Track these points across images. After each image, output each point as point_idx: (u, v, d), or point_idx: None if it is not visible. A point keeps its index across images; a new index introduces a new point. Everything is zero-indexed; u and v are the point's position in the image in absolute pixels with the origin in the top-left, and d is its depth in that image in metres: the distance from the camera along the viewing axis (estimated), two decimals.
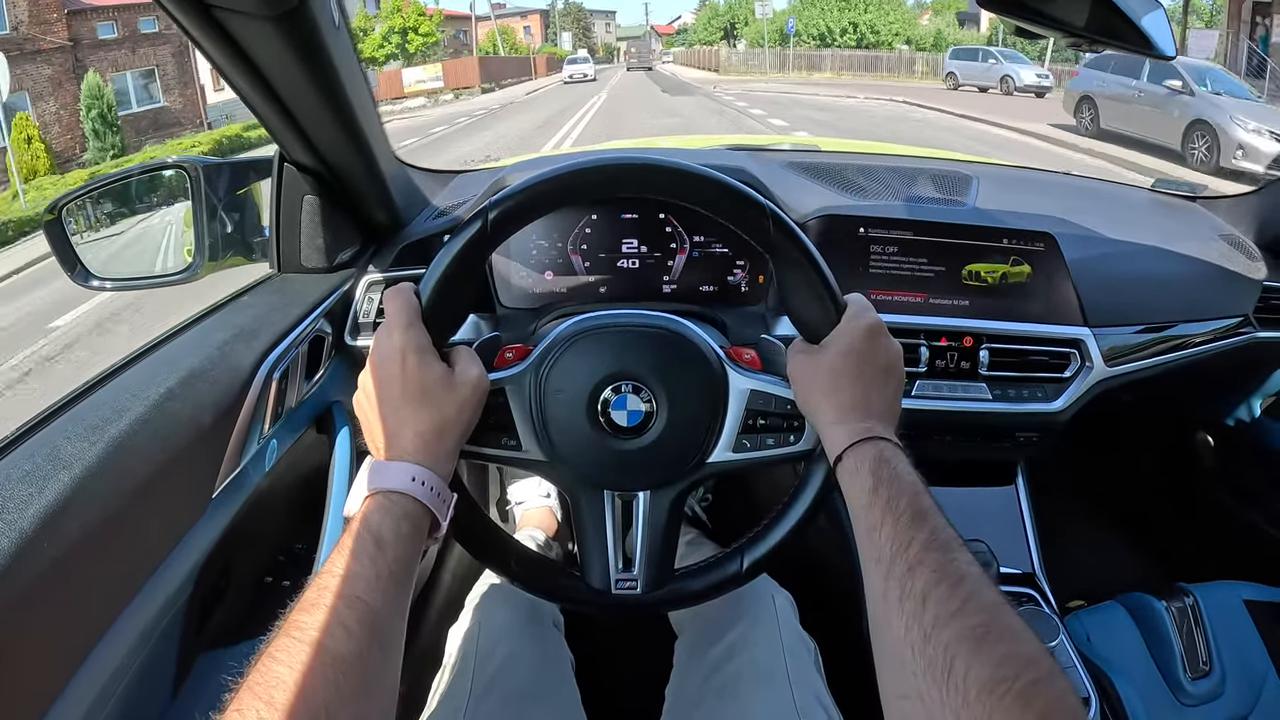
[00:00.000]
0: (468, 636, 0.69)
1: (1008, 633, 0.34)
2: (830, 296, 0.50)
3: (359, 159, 0.72)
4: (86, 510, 0.48)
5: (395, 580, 0.41)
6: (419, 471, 0.44)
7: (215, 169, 0.80)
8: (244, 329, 0.69)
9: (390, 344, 0.47)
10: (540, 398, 0.52)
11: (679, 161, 0.50)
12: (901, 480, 0.43)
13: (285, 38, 0.54)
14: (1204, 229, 1.01)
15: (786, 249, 0.50)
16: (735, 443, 0.52)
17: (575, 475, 0.53)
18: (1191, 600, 0.88)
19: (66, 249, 0.79)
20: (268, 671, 0.34)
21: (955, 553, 0.38)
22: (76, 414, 0.55)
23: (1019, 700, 0.30)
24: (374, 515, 0.42)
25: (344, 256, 0.80)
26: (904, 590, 0.37)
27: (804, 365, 0.50)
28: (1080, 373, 0.84)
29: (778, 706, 0.59)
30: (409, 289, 0.49)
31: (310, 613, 0.37)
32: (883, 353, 0.50)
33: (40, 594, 0.43)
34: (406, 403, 0.46)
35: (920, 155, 1.15)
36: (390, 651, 0.40)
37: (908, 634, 0.35)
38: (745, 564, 0.54)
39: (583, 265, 0.78)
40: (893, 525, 0.40)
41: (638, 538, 0.53)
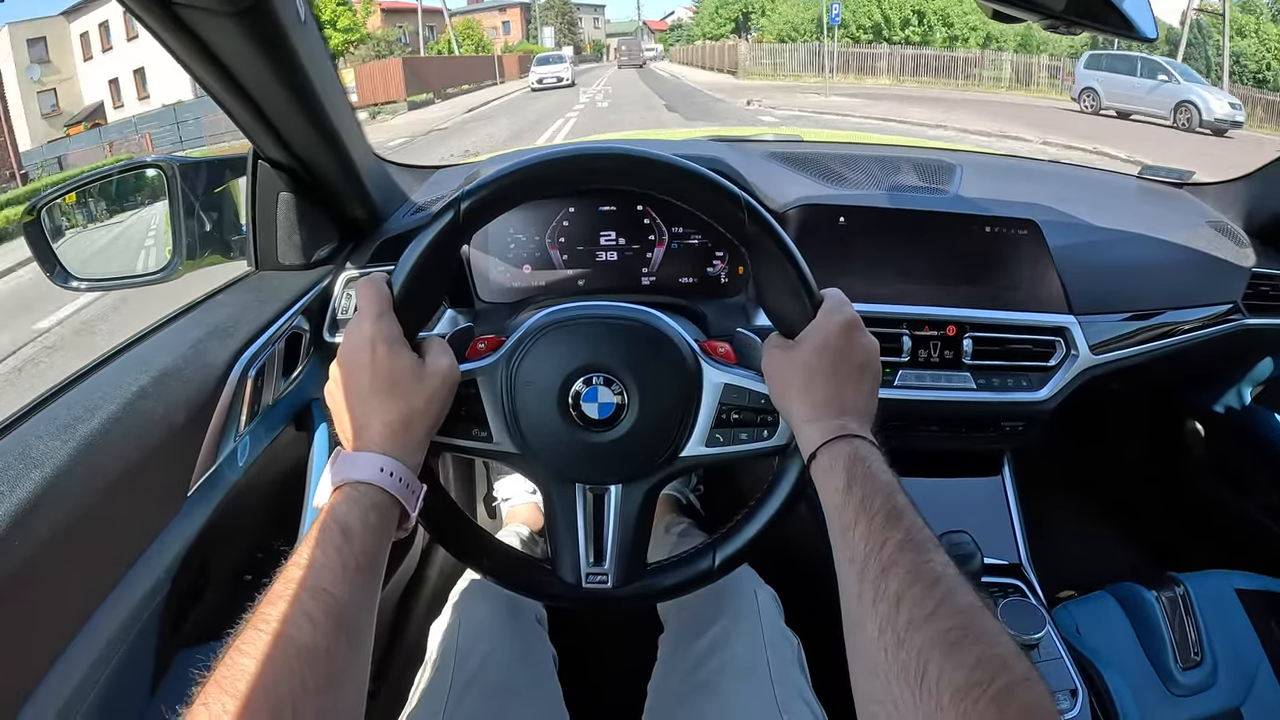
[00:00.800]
0: (448, 633, 0.68)
1: (983, 635, 0.33)
2: (806, 291, 0.50)
3: (333, 155, 0.72)
4: (58, 509, 0.48)
5: (362, 572, 0.40)
6: (387, 462, 0.44)
7: (193, 167, 0.80)
8: (219, 327, 0.69)
9: (360, 334, 0.47)
10: (511, 389, 0.51)
11: (653, 153, 0.50)
12: (876, 479, 0.42)
13: (248, 33, 0.54)
14: (1191, 216, 1.00)
15: (762, 242, 0.49)
16: (708, 437, 0.52)
17: (546, 468, 0.53)
18: (1182, 590, 0.88)
19: (45, 250, 0.79)
20: (233, 665, 0.34)
21: (930, 554, 0.37)
22: (49, 414, 0.55)
23: (993, 704, 0.30)
24: (341, 506, 0.42)
25: (322, 253, 0.80)
26: (878, 592, 0.37)
27: (779, 361, 0.50)
28: (1065, 361, 0.83)
29: (759, 702, 0.58)
30: (380, 279, 0.49)
31: (276, 605, 0.37)
32: (859, 349, 0.49)
33: (12, 592, 0.43)
34: (375, 393, 0.46)
35: (904, 144, 1.15)
36: (358, 643, 0.39)
37: (881, 637, 0.35)
38: (717, 560, 0.53)
39: (561, 259, 0.78)
40: (866, 525, 0.40)
41: (609, 532, 0.53)
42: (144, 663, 0.59)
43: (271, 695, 0.33)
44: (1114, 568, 0.96)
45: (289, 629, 0.36)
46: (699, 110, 12.34)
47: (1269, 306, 0.96)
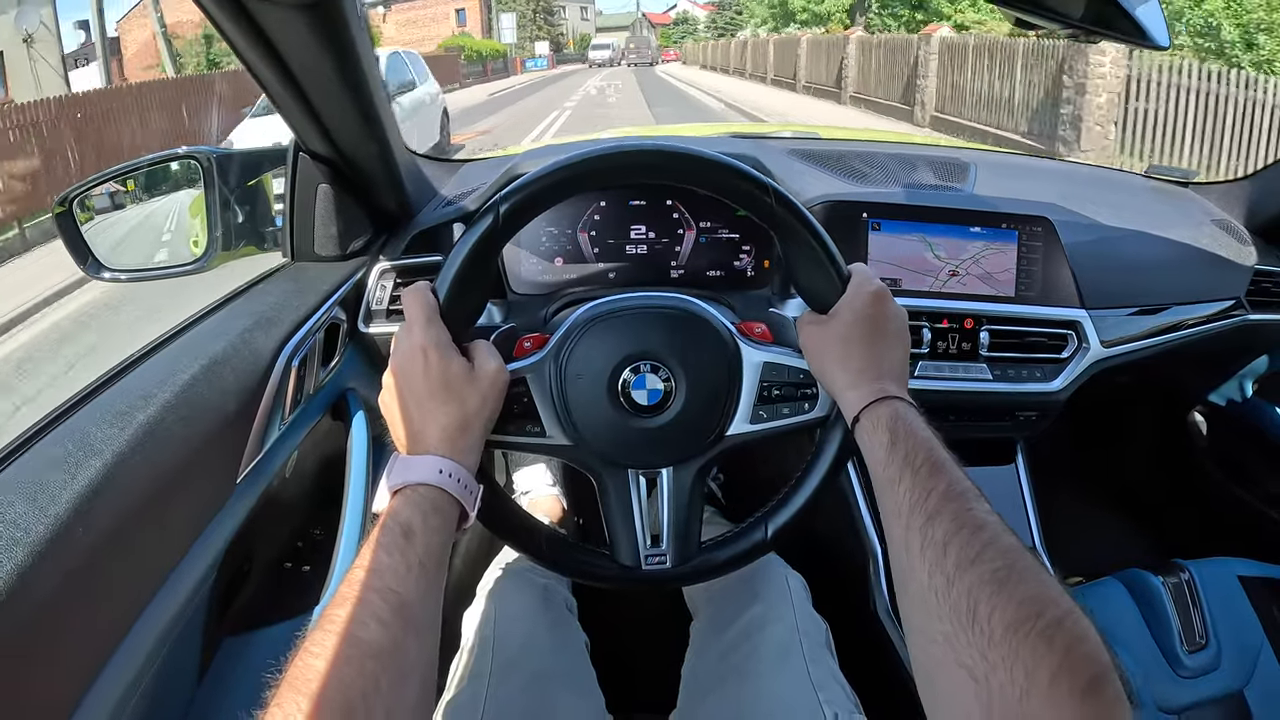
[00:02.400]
0: (484, 620, 0.70)
1: (1028, 574, 0.35)
2: (834, 266, 0.52)
3: (375, 148, 0.73)
4: (117, 497, 0.48)
5: (426, 570, 0.41)
6: (445, 464, 0.45)
7: (227, 159, 0.81)
8: (263, 316, 0.70)
9: (411, 342, 0.48)
10: (561, 383, 0.53)
11: (686, 147, 0.52)
12: (917, 435, 0.44)
13: (313, 27, 0.55)
14: (1196, 214, 1.03)
15: (790, 224, 0.52)
16: (752, 414, 0.54)
17: (600, 456, 0.54)
18: (1187, 576, 0.91)
19: (78, 240, 0.80)
20: (305, 666, 0.35)
21: (972, 501, 0.39)
22: (104, 400, 0.56)
23: (1042, 637, 0.32)
24: (402, 508, 0.43)
25: (356, 245, 0.81)
26: (925, 539, 0.38)
27: (815, 335, 0.52)
28: (1077, 353, 0.86)
29: (795, 683, 0.60)
30: (425, 287, 0.50)
31: (344, 606, 0.38)
32: (890, 317, 0.51)
33: (75, 581, 0.44)
34: (430, 398, 0.47)
35: (919, 142, 1.17)
36: (425, 639, 0.40)
37: (931, 580, 0.37)
38: (770, 531, 0.55)
39: (592, 252, 0.80)
40: (911, 478, 0.41)
41: (664, 513, 0.54)
42: (193, 649, 0.60)
43: (344, 694, 0.34)
44: (1122, 555, 0.99)
45: (357, 629, 0.37)
46: None
47: (1271, 303, 0.99)
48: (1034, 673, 0.31)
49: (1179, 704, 0.85)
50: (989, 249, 0.85)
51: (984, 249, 0.84)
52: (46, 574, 0.42)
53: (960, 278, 0.84)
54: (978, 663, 0.32)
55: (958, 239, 0.84)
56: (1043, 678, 0.31)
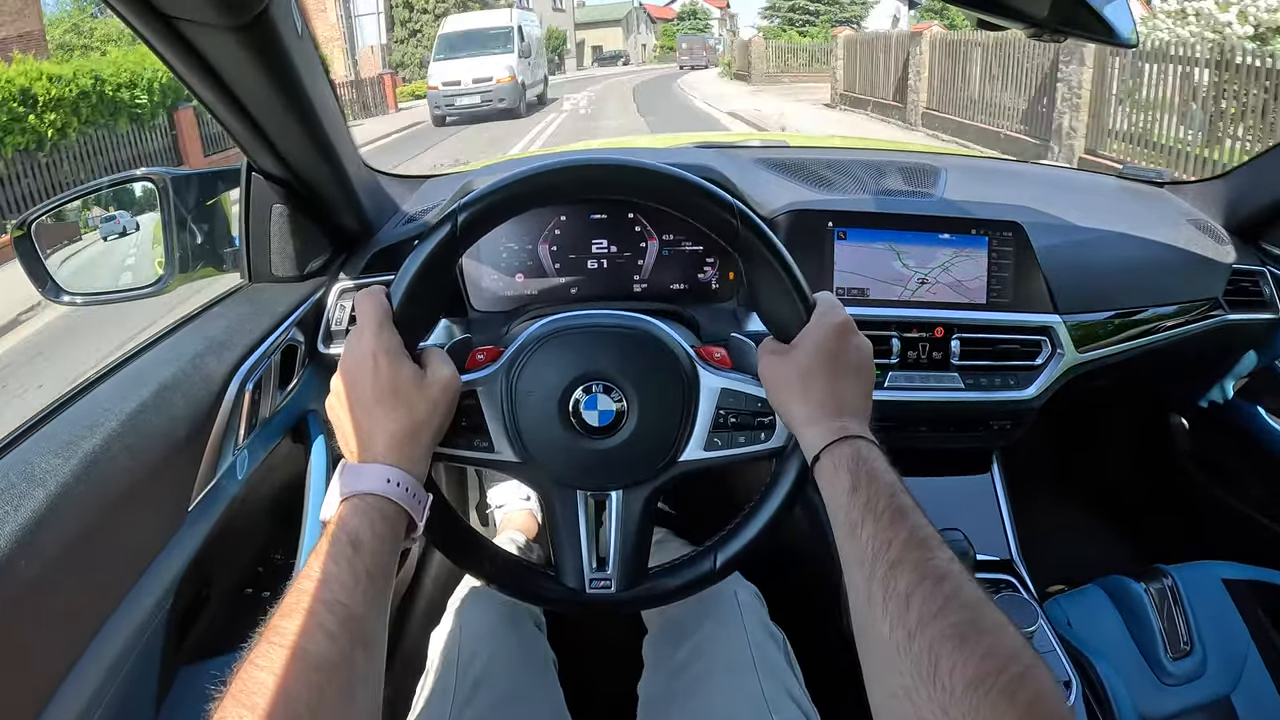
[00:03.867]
0: (449, 641, 0.69)
1: (991, 628, 0.34)
2: (799, 295, 0.51)
3: (326, 167, 0.72)
4: (62, 527, 0.48)
5: (374, 582, 0.41)
6: (393, 473, 0.44)
7: (184, 180, 0.80)
8: (215, 340, 0.69)
9: (362, 347, 0.47)
10: (512, 399, 0.52)
11: (646, 162, 0.50)
12: (879, 479, 0.43)
13: (247, 48, 0.54)
14: (1172, 214, 1.02)
15: (755, 248, 0.50)
16: (707, 441, 0.53)
17: (548, 476, 0.53)
18: (1170, 581, 0.89)
19: (36, 264, 0.79)
20: (250, 678, 0.34)
21: (935, 550, 0.39)
22: (50, 431, 0.55)
23: (1004, 695, 0.31)
24: (350, 518, 0.42)
25: (315, 265, 0.80)
26: (887, 590, 0.38)
27: (775, 365, 0.51)
28: (1051, 359, 0.85)
29: (746, 701, 0.59)
30: (380, 291, 0.49)
31: (290, 618, 0.37)
32: (853, 350, 0.50)
33: (18, 612, 0.43)
34: (379, 404, 0.46)
35: (889, 148, 1.16)
36: (373, 652, 0.40)
37: (893, 633, 0.36)
38: (719, 562, 0.54)
39: (553, 266, 0.79)
40: (873, 524, 0.41)
41: (611, 537, 0.53)
42: (149, 679, 0.59)
43: (289, 707, 0.34)
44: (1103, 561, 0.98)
45: (304, 641, 0.36)
46: None
47: (1249, 302, 0.98)
48: None
49: (1164, 712, 0.84)
50: (959, 255, 0.83)
51: (954, 256, 0.83)
52: None
53: (930, 285, 0.83)
54: (939, 719, 0.32)
55: (927, 246, 0.83)
56: None
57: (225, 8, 0.50)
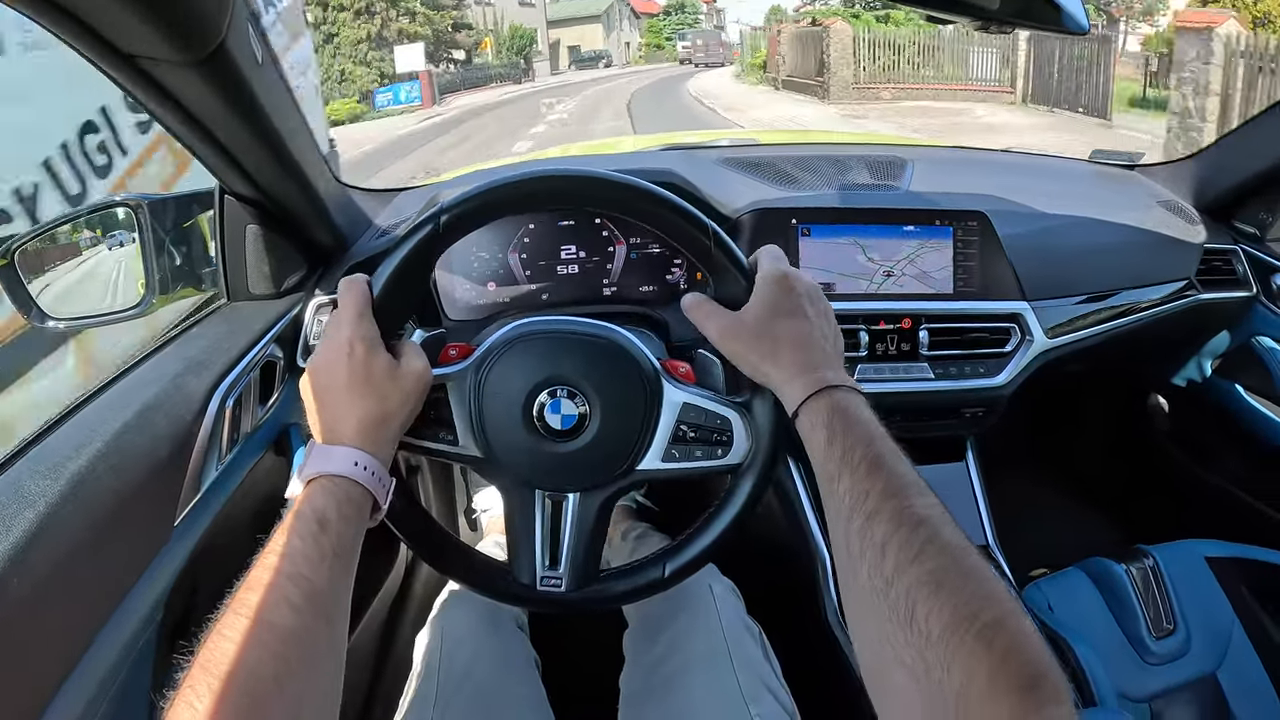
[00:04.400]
0: (431, 644, 0.70)
1: (970, 572, 0.34)
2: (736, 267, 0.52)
3: (296, 186, 0.74)
4: (52, 545, 0.49)
5: (339, 559, 0.42)
6: (360, 456, 0.46)
7: (160, 204, 0.82)
8: (195, 360, 0.71)
9: (341, 333, 0.49)
10: (479, 396, 0.53)
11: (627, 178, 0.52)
12: (855, 429, 0.43)
13: (208, 80, 0.56)
14: (1142, 197, 1.03)
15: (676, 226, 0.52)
16: (665, 452, 0.54)
17: (508, 473, 0.54)
18: (1151, 561, 0.90)
19: (21, 292, 0.81)
20: (216, 648, 0.36)
21: (913, 497, 0.38)
22: (38, 453, 0.57)
23: (980, 639, 0.31)
24: (317, 497, 0.44)
25: (291, 281, 0.82)
26: (864, 540, 0.38)
27: (732, 333, 0.50)
28: (1021, 346, 0.85)
29: (723, 695, 0.60)
30: (362, 280, 0.51)
31: (257, 591, 0.38)
32: (807, 299, 0.50)
33: (10, 631, 0.45)
34: (351, 390, 0.47)
35: (857, 141, 1.17)
36: (336, 626, 0.41)
37: (871, 582, 0.36)
38: (667, 571, 0.55)
39: (524, 274, 0.80)
40: (850, 477, 0.41)
41: (565, 538, 0.55)
42: (140, 691, 0.60)
43: (254, 676, 0.35)
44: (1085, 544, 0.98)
45: (269, 614, 0.37)
46: None
47: (1222, 281, 0.99)
48: (972, 673, 0.31)
49: (1148, 692, 0.85)
50: (924, 247, 0.84)
51: (919, 247, 0.84)
52: None
53: (896, 278, 0.84)
54: (916, 662, 0.33)
55: (891, 239, 0.84)
56: (981, 678, 0.31)
57: (183, 44, 0.52)
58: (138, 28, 0.49)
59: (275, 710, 0.35)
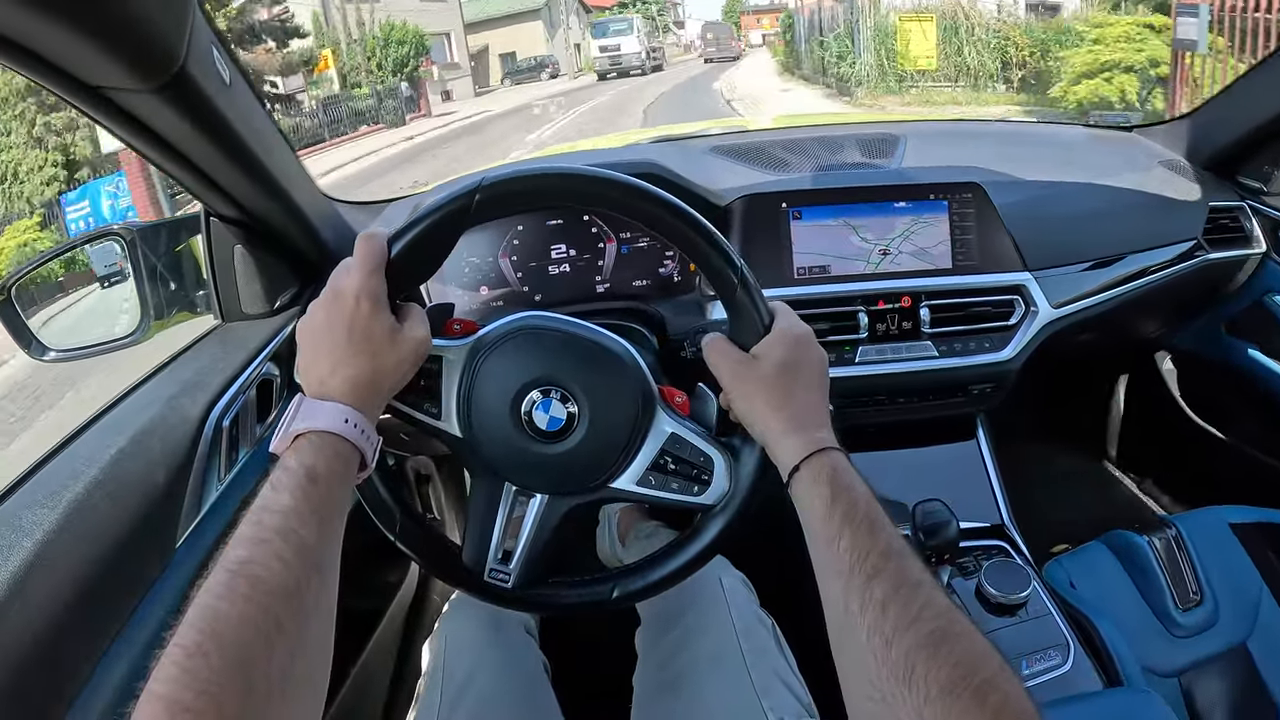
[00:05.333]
0: (436, 651, 0.70)
1: (962, 635, 0.37)
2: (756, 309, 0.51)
3: (279, 204, 0.73)
4: (51, 573, 0.50)
5: (328, 513, 0.41)
6: (350, 413, 0.45)
7: (151, 230, 0.82)
8: (190, 382, 0.71)
9: (350, 283, 0.48)
10: (473, 377, 0.52)
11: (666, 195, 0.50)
12: (855, 490, 0.44)
13: (174, 105, 0.56)
14: (1141, 157, 1.00)
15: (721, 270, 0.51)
16: (641, 476, 0.53)
17: (482, 460, 0.54)
18: (1174, 531, 0.88)
19: (20, 326, 0.82)
20: (206, 606, 0.35)
21: (908, 560, 0.40)
22: (34, 484, 0.58)
23: (975, 698, 0.34)
24: (306, 453, 0.43)
25: (284, 298, 0.82)
26: (864, 599, 0.39)
27: (742, 376, 0.51)
28: (1026, 318, 0.84)
29: (736, 690, 0.59)
30: (382, 235, 0.50)
31: (245, 547, 0.38)
32: (816, 361, 0.51)
33: (10, 659, 0.45)
34: (349, 345, 0.47)
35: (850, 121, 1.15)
36: (327, 581, 0.41)
37: (869, 640, 0.38)
38: (615, 593, 0.55)
39: (515, 276, 0.79)
40: (851, 536, 0.42)
41: (523, 535, 0.54)
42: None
43: (244, 633, 0.34)
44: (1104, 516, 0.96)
45: (260, 570, 0.37)
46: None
47: (1229, 239, 0.96)
48: None
49: (1176, 666, 0.82)
50: (919, 223, 0.83)
51: (913, 223, 0.83)
52: None
53: (892, 256, 0.82)
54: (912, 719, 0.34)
55: (885, 216, 0.83)
56: None
57: (144, 72, 0.52)
58: (97, 59, 0.49)
59: (267, 666, 0.34)
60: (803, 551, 0.49)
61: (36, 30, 0.47)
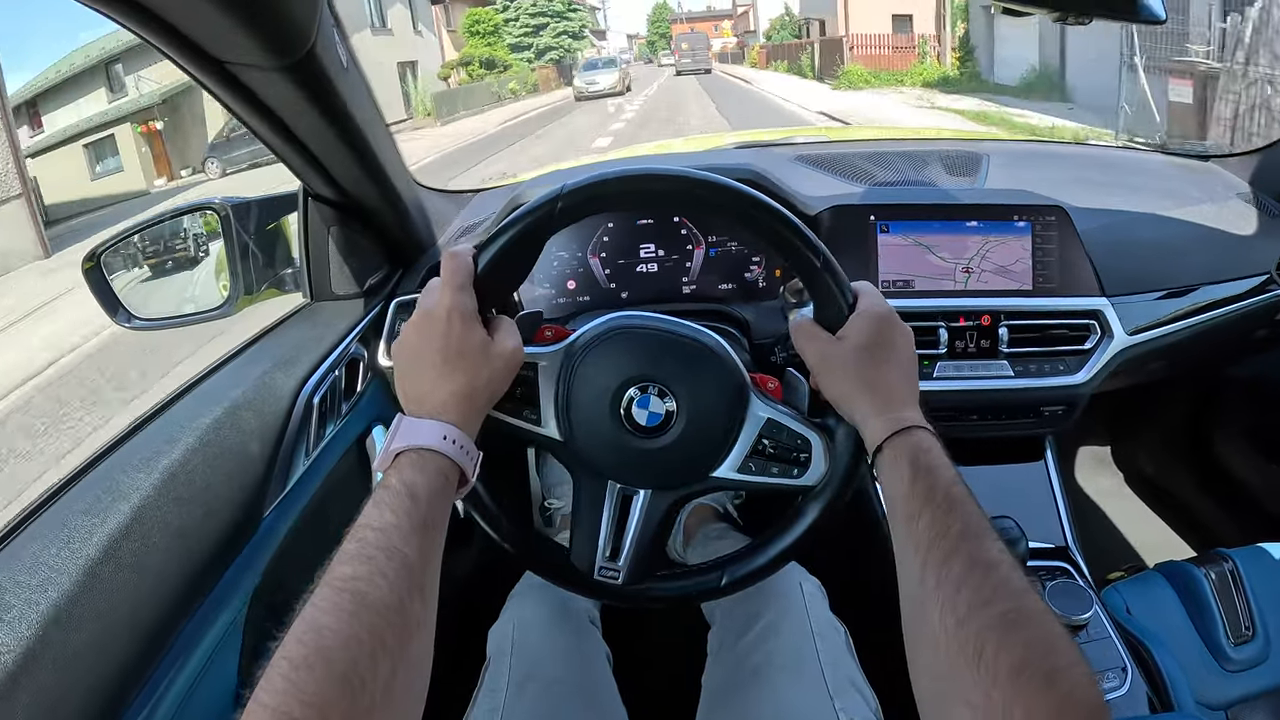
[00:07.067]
0: (503, 634, 0.71)
1: (1035, 617, 0.36)
2: (840, 289, 0.52)
3: (378, 189, 0.75)
4: (144, 537, 0.51)
5: (430, 532, 0.42)
6: (449, 430, 0.46)
7: (244, 207, 0.83)
8: (282, 358, 0.72)
9: (440, 303, 0.48)
10: (569, 380, 0.53)
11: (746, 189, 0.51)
12: (937, 471, 0.44)
13: (296, 85, 0.57)
14: (1219, 189, 1.00)
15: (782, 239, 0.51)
16: (741, 464, 0.54)
17: (585, 461, 0.55)
18: (1230, 565, 0.88)
19: (108, 293, 0.83)
20: (312, 621, 0.36)
21: (986, 540, 0.40)
22: (130, 448, 0.59)
23: (1045, 682, 0.33)
24: (407, 471, 0.44)
25: (373, 281, 0.83)
26: (939, 577, 0.39)
27: (827, 357, 0.51)
28: (1101, 343, 0.84)
29: (810, 690, 0.60)
30: (468, 252, 0.51)
31: (350, 564, 0.38)
32: (900, 340, 0.51)
33: (105, 620, 0.46)
34: (446, 363, 0.48)
35: (930, 137, 1.15)
36: (428, 597, 0.42)
37: (942, 618, 0.38)
38: (724, 581, 0.56)
39: (603, 272, 0.80)
40: (930, 514, 0.42)
41: (629, 532, 0.55)
42: (224, 686, 0.62)
43: (350, 648, 0.35)
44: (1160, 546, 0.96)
45: (364, 587, 0.37)
46: None
47: None
48: (1033, 712, 0.33)
49: (1226, 699, 0.83)
50: (1003, 243, 0.83)
51: (997, 243, 0.83)
52: (78, 615, 0.44)
53: (975, 274, 0.83)
54: (980, 701, 0.34)
55: (970, 235, 0.83)
56: (1041, 717, 0.32)
57: (275, 50, 0.53)
58: (232, 35, 0.50)
59: (372, 681, 0.35)
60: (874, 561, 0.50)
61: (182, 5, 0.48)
